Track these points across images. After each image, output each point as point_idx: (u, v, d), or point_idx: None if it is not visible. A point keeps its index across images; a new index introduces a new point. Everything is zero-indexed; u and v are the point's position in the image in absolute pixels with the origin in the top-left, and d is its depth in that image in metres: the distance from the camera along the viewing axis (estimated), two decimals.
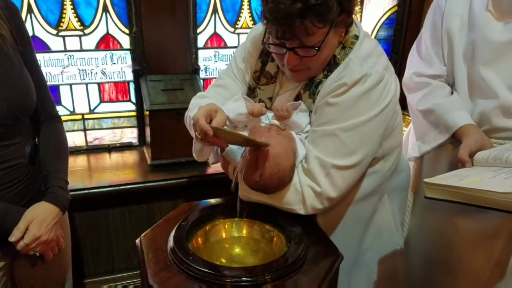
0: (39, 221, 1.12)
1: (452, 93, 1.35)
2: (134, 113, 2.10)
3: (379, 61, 1.07)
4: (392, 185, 1.26)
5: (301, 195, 1.08)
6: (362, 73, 1.02)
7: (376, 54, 1.08)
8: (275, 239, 1.13)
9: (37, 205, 1.15)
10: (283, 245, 1.08)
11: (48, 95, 1.26)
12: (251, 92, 1.24)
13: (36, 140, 1.26)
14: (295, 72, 1.09)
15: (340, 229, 1.22)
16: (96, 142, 2.10)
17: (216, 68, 2.15)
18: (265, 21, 1.00)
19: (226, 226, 1.18)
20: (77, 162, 1.98)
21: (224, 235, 1.16)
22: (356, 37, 1.08)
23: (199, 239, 1.12)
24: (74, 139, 2.06)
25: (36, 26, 1.83)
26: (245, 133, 1.11)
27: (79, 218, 1.85)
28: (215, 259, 1.06)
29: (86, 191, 1.76)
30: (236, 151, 1.11)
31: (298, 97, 1.15)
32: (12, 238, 1.09)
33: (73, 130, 2.04)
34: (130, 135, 2.14)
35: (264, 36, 1.05)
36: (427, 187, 1.03)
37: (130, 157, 2.07)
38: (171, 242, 1.03)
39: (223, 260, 1.07)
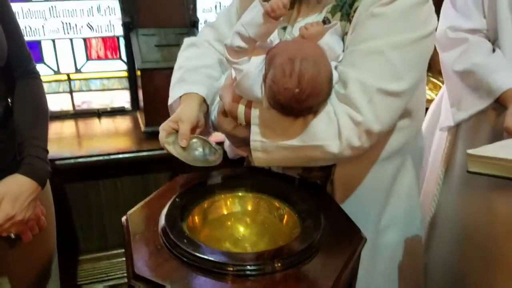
0: (12, 198, 1.03)
1: (494, 50, 1.24)
2: (125, 74, 1.96)
3: None
4: (415, 148, 1.17)
5: (337, 125, 0.90)
6: None
7: None
8: (285, 217, 1.00)
9: (10, 178, 1.05)
10: (295, 224, 0.95)
11: (24, 47, 1.14)
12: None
13: (9, 100, 1.13)
14: None
15: (358, 197, 1.09)
16: (85, 106, 1.98)
17: None
18: None
19: (228, 202, 1.04)
20: (63, 128, 1.87)
21: (225, 212, 1.03)
22: None
23: (196, 218, 0.98)
24: (60, 102, 1.93)
25: None
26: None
27: (67, 189, 1.76)
28: (215, 241, 0.93)
29: (73, 161, 1.66)
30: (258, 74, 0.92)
31: (324, 23, 0.98)
32: None
33: (58, 92, 1.91)
34: (122, 98, 2.01)
35: None
36: (472, 159, 0.96)
37: (122, 123, 1.95)
38: (162, 222, 0.89)
39: (225, 244, 0.95)
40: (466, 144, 1.32)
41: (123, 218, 0.97)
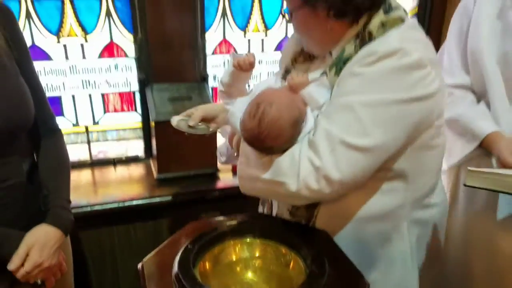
0: (40, 246, 1.06)
1: (477, 102, 1.31)
2: (140, 125, 2.04)
3: (426, 51, 0.95)
4: (416, 217, 1.10)
5: (298, 165, 0.94)
6: (399, 47, 0.90)
7: (424, 46, 0.97)
8: (292, 263, 1.01)
9: (37, 228, 1.09)
10: (301, 270, 0.96)
11: (47, 107, 1.20)
12: (286, 74, 1.14)
13: (35, 156, 1.19)
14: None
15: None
16: (101, 156, 2.04)
17: None
18: None
19: (237, 248, 1.06)
20: (81, 177, 1.92)
21: (234, 258, 1.05)
22: (402, 20, 0.97)
23: (207, 264, 1.01)
24: (78, 152, 2.00)
25: (35, 34, 1.77)
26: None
27: (83, 236, 1.78)
28: (225, 287, 0.96)
29: (90, 209, 1.70)
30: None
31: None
32: (11, 266, 1.02)
33: (77, 143, 1.98)
34: (136, 148, 2.08)
35: None
36: (470, 174, 1.02)
37: (136, 170, 2.01)
38: (175, 268, 0.92)
39: None
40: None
41: (139, 265, 0.99)
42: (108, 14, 1.82)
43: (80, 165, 1.99)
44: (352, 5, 0.94)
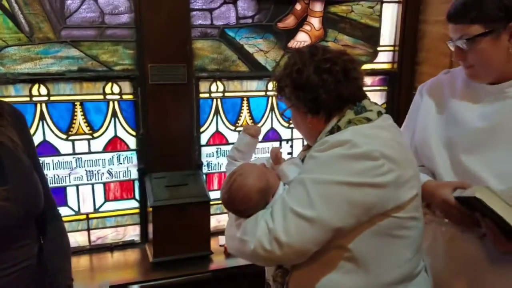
0: None
1: None
2: (137, 211, 2.14)
3: (382, 147, 1.05)
4: None
5: (257, 226, 1.09)
6: (349, 139, 1.05)
7: (382, 142, 1.07)
8: None
9: None
10: None
11: (51, 196, 1.33)
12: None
13: (41, 240, 1.29)
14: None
15: None
16: (99, 241, 2.12)
17: (218, 163, 2.25)
18: None
19: None
20: (80, 263, 1.98)
21: None
22: (368, 119, 1.12)
23: None
24: (77, 238, 2.07)
25: (47, 132, 1.96)
26: None
27: None
28: None
29: None
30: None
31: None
32: None
33: (77, 230, 2.07)
34: (133, 233, 2.17)
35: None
36: (481, 189, 1.12)
37: (132, 255, 2.07)
38: None
39: None
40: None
41: None
42: (114, 114, 2.04)
43: (79, 251, 2.05)
44: (320, 105, 1.14)
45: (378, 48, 2.44)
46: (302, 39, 2.27)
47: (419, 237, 1.16)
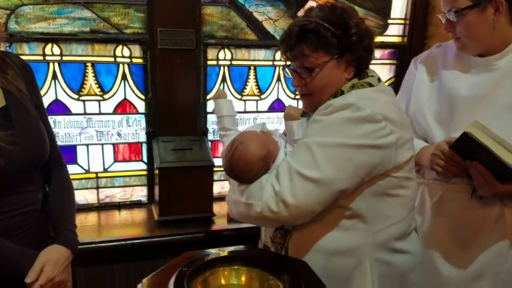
0: (53, 263, 1.18)
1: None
2: (145, 172, 2.21)
3: (384, 110, 1.09)
4: (380, 257, 1.19)
5: (263, 190, 1.11)
6: (353, 102, 1.08)
7: (384, 105, 1.11)
8: (273, 287, 1.14)
9: (50, 247, 1.22)
10: None
11: (56, 145, 1.38)
12: None
13: (46, 187, 1.36)
14: (302, 98, 1.25)
15: None
16: (107, 200, 2.19)
17: None
18: None
19: (226, 273, 1.21)
20: (88, 219, 2.06)
21: (223, 282, 1.20)
22: (370, 85, 1.16)
23: (199, 286, 1.15)
24: (87, 196, 2.16)
25: (59, 91, 2.02)
26: None
27: (85, 272, 1.88)
28: None
29: (93, 245, 1.83)
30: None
31: None
32: (27, 279, 1.14)
33: (87, 188, 2.15)
34: (140, 193, 2.24)
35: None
36: (475, 125, 1.15)
37: (139, 214, 2.15)
38: (171, 287, 1.07)
39: None
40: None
41: (139, 285, 1.12)
42: (124, 77, 2.08)
43: (88, 208, 2.14)
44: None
45: (389, 21, 2.41)
46: None
47: (413, 196, 1.22)
